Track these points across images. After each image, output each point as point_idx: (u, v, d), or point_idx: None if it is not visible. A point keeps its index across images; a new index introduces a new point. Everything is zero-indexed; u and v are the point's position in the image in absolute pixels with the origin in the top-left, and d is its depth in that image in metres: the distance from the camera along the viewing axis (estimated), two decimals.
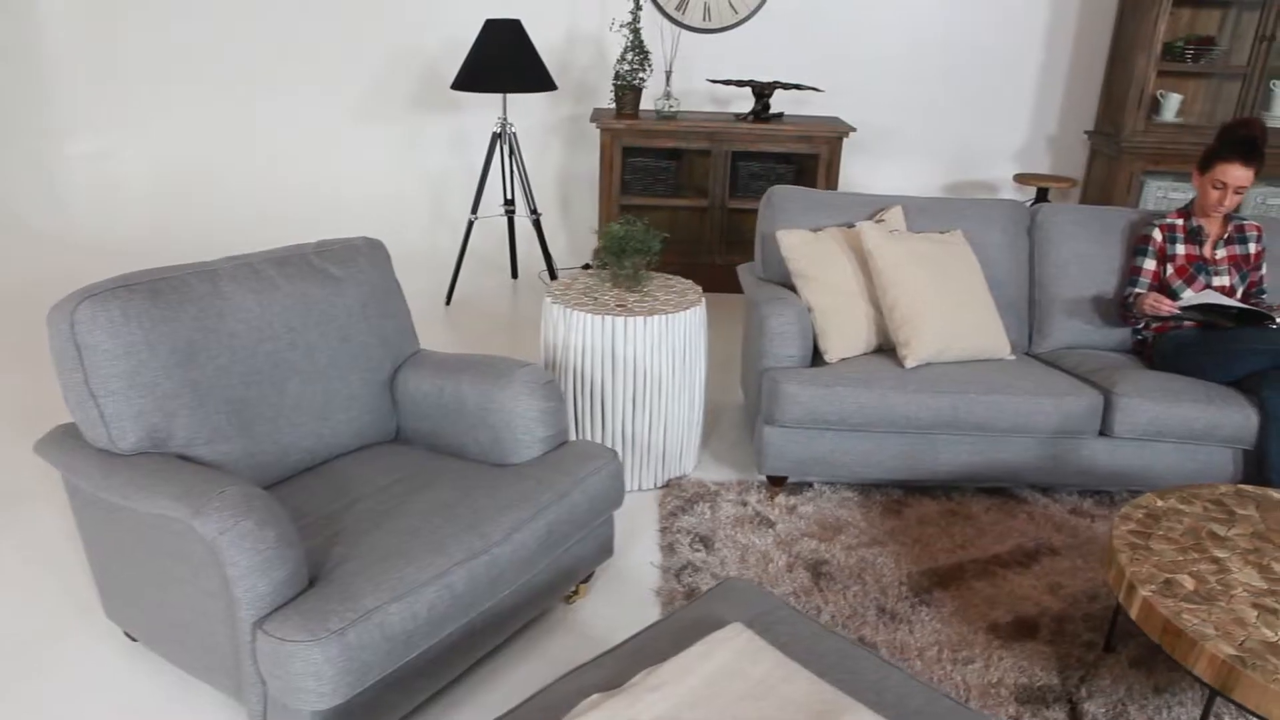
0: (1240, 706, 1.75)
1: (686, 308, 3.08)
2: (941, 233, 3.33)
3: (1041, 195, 5.28)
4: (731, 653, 1.66)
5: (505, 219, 4.97)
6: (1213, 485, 2.40)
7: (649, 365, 3.04)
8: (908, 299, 3.05)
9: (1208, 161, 3.27)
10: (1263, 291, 3.40)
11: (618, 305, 3.08)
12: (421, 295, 5.03)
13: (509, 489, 2.30)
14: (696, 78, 5.55)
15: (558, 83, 5.57)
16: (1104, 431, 3.06)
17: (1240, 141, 3.20)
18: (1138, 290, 3.37)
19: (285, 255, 2.54)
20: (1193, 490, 2.37)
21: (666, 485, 3.21)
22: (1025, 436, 3.04)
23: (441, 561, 2.04)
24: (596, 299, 3.14)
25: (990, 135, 5.77)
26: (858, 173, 5.82)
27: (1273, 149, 5.01)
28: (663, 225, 5.51)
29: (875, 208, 3.45)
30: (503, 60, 4.47)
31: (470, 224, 4.77)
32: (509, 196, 4.81)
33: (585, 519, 2.39)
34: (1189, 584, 1.98)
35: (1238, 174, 3.20)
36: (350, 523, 2.20)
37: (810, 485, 3.23)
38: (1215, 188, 3.25)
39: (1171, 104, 5.13)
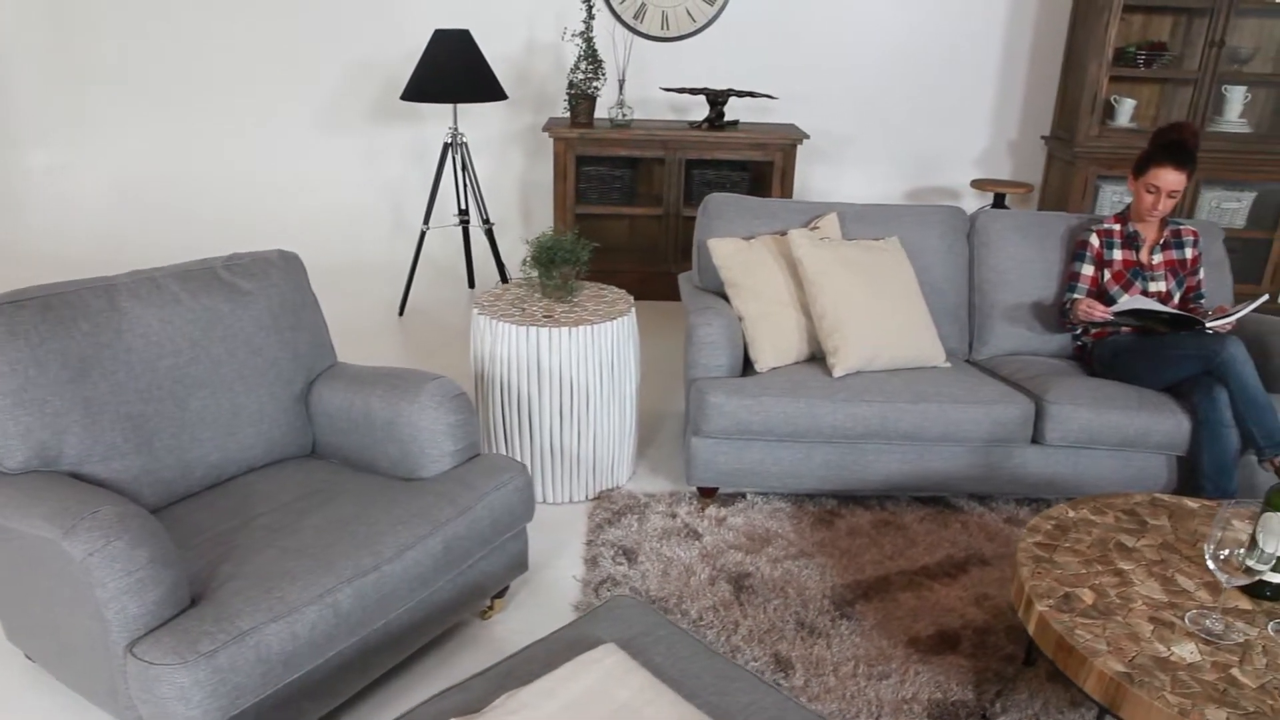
0: None
1: (614, 318, 3.04)
2: (876, 240, 3.29)
3: (999, 201, 5.25)
4: (599, 674, 1.61)
5: (460, 229, 4.95)
6: (1128, 494, 2.36)
7: (575, 376, 3.00)
8: (836, 307, 3.02)
9: (1141, 166, 3.24)
10: (1201, 296, 3.37)
11: (544, 316, 3.04)
12: (376, 306, 4.99)
13: (409, 504, 2.26)
14: (656, 86, 5.52)
15: (517, 93, 5.54)
16: (1036, 439, 3.03)
17: (1172, 145, 3.18)
18: (1075, 296, 3.33)
19: (190, 269, 2.50)
20: (1106, 500, 2.33)
21: (598, 497, 3.17)
22: (956, 445, 3.00)
23: (328, 580, 2.00)
24: (524, 310, 3.10)
25: (952, 141, 5.74)
26: (819, 180, 5.79)
27: (1225, 153, 4.99)
28: (619, 234, 5.48)
29: (812, 215, 3.41)
30: (452, 71, 4.44)
31: (423, 234, 4.74)
32: (463, 206, 4.77)
33: (489, 534, 2.35)
34: (1088, 598, 1.94)
35: (1170, 178, 3.17)
36: (245, 540, 2.15)
37: (743, 496, 3.18)
38: (1149, 191, 3.23)
39: (1125, 109, 5.10)
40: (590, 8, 4.85)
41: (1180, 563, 2.08)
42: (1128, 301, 3.07)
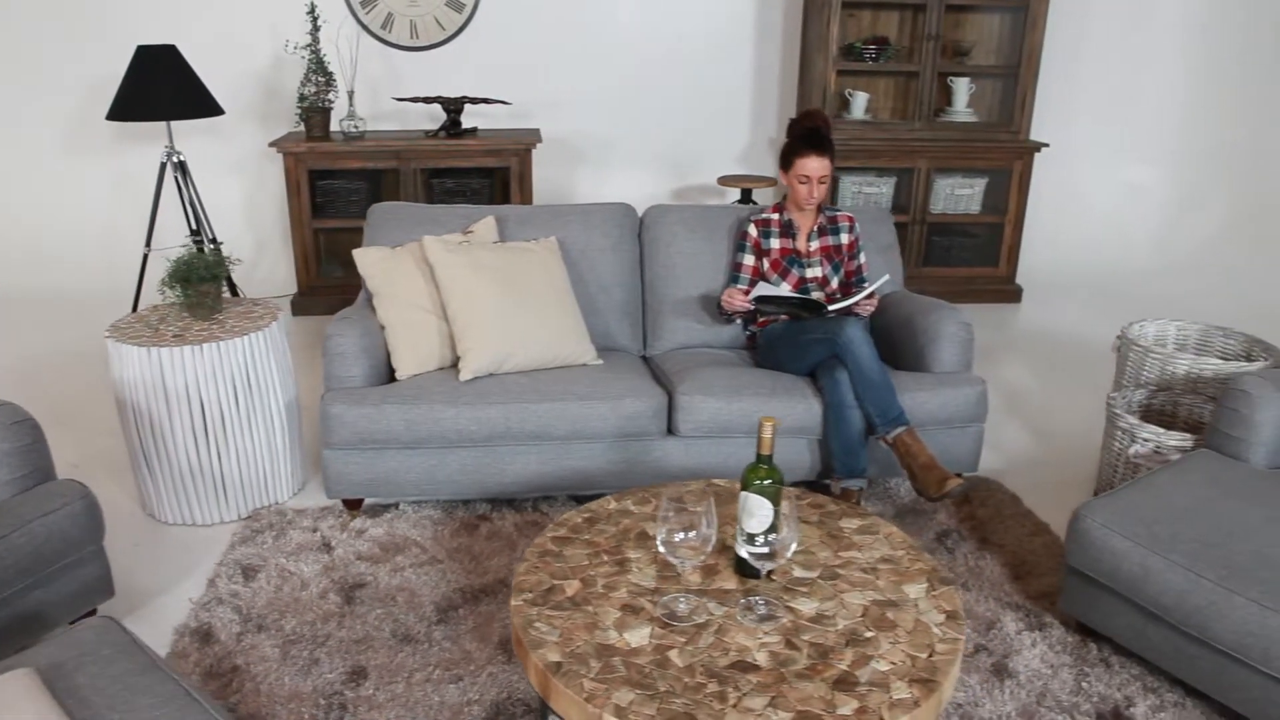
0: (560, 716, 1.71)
1: (248, 333, 2.99)
2: (529, 241, 3.30)
3: (746, 196, 5.34)
4: None
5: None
6: (684, 483, 2.40)
7: (206, 395, 2.94)
8: (467, 310, 3.01)
9: (787, 159, 3.31)
10: (863, 280, 3.45)
11: (174, 336, 2.98)
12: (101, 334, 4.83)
13: None
14: (406, 95, 5.47)
15: (269, 108, 5.44)
16: (672, 431, 3.06)
17: (808, 134, 3.25)
18: (740, 286, 3.39)
19: None
20: (657, 489, 2.36)
21: (250, 516, 3.11)
22: (590, 442, 3.01)
23: None
24: (158, 330, 3.03)
25: (715, 139, 5.82)
26: (585, 184, 5.81)
27: (955, 141, 5.14)
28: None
29: (476, 219, 3.41)
30: (159, 88, 4.33)
31: (145, 258, 4.61)
32: (193, 227, 4.66)
33: (32, 563, 2.27)
34: (571, 590, 1.95)
35: (814, 165, 3.24)
36: None
37: (395, 506, 3.16)
38: (801, 182, 3.29)
39: (859, 102, 5.23)
40: (315, 19, 4.79)
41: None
42: (759, 289, 3.13)
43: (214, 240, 4.68)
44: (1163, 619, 2.27)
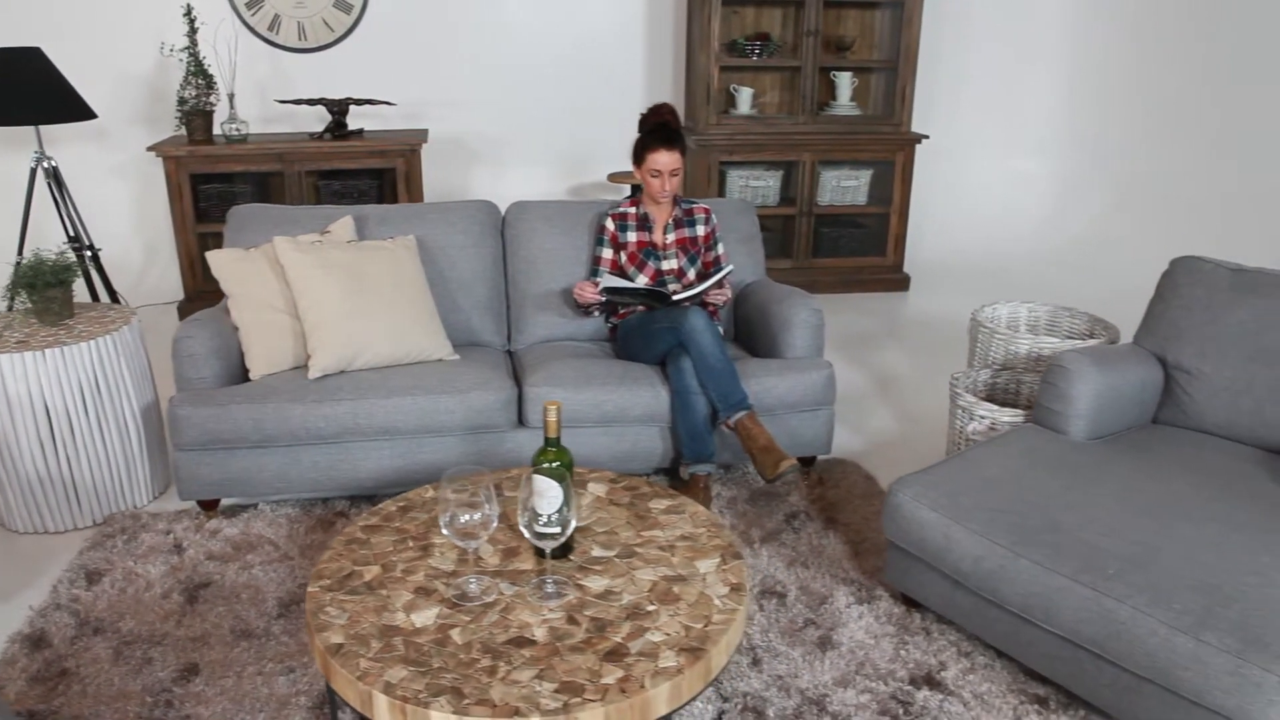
0: (343, 699, 1.75)
1: (96, 337, 2.99)
2: (386, 240, 3.33)
3: (636, 191, 5.40)
4: None
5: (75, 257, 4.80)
6: (502, 471, 2.45)
7: (51, 400, 2.93)
8: (315, 309, 3.04)
9: (639, 154, 3.37)
10: (720, 270, 3.52)
11: (18, 342, 2.97)
12: None
13: None
14: (290, 98, 5.46)
15: (156, 111, 5.40)
16: (523, 422, 3.11)
17: (658, 129, 3.32)
18: (598, 279, 3.44)
19: None
20: (476, 477, 2.40)
21: (104, 522, 3.11)
22: (440, 436, 3.05)
23: None
24: (1, 337, 3.01)
25: (610, 136, 5.88)
26: (481, 183, 5.84)
27: (839, 134, 5.26)
28: None
29: (334, 219, 3.43)
30: (23, 91, 4.28)
31: (17, 265, 4.56)
32: (71, 233, 4.62)
33: None
34: (369, 575, 2.00)
35: (664, 159, 3.31)
36: None
37: (255, 505, 3.17)
38: (653, 176, 3.36)
39: (744, 97, 5.32)
40: (192, 21, 4.77)
41: (496, 532, 2.16)
42: (605, 280, 3.20)
43: (92, 247, 4.64)
44: (964, 585, 2.37)
